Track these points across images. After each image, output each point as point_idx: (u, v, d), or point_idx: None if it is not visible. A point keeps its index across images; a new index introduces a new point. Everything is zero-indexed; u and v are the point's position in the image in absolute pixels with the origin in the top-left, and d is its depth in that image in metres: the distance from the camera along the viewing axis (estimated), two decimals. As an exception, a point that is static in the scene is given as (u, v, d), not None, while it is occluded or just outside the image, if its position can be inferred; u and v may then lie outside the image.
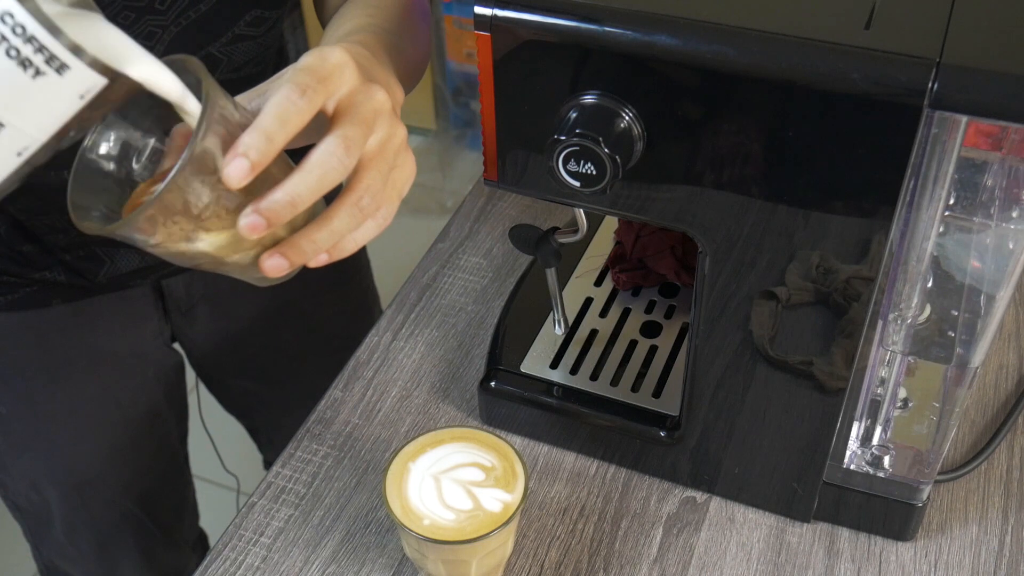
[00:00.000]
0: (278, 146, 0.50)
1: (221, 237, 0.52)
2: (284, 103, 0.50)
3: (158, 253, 0.52)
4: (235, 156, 0.48)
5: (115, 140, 0.54)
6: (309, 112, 0.52)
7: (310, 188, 0.51)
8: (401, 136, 0.57)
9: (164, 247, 0.51)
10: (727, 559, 0.75)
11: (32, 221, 0.87)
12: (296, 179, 0.51)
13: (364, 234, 0.56)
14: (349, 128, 0.53)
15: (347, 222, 0.54)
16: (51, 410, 0.97)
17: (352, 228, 0.54)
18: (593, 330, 0.86)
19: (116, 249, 0.90)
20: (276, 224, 0.51)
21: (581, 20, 0.59)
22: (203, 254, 0.52)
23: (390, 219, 0.57)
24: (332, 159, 0.52)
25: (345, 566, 0.75)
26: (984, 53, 0.54)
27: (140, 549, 1.09)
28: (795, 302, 0.66)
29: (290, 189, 0.51)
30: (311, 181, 0.51)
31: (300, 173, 0.51)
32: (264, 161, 0.49)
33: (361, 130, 0.53)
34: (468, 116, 2.63)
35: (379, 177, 0.55)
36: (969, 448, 0.82)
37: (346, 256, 0.56)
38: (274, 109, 0.50)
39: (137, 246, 0.51)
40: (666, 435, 0.77)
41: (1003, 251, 0.59)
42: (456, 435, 0.70)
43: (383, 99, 0.55)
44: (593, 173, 0.59)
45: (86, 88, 0.46)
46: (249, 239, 0.52)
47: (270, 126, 0.50)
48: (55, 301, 0.93)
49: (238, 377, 1.13)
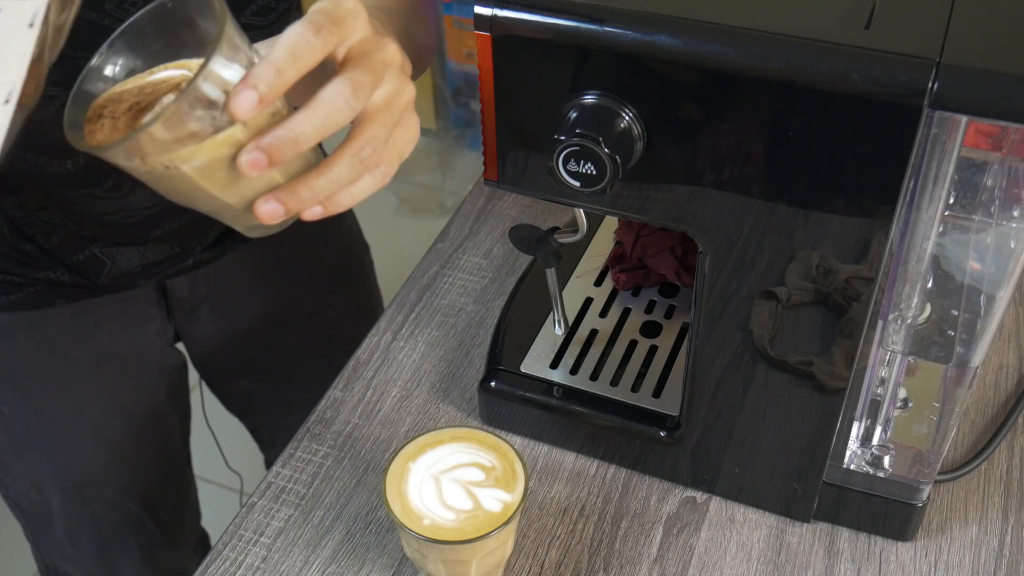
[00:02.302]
0: (288, 81, 0.49)
1: (219, 174, 0.51)
2: (297, 39, 0.50)
3: (150, 184, 0.52)
4: (244, 87, 0.48)
5: (121, 66, 0.54)
6: (321, 51, 0.51)
7: (314, 126, 0.51)
8: (409, 94, 0.56)
9: (156, 177, 0.51)
10: (727, 559, 0.75)
11: (30, 218, 0.86)
12: (300, 116, 0.51)
13: (361, 189, 0.55)
14: (358, 73, 0.52)
15: (346, 172, 0.53)
16: (53, 410, 0.97)
17: (351, 179, 0.54)
18: (593, 330, 0.86)
19: (116, 249, 0.90)
20: (277, 162, 0.50)
21: (581, 20, 0.59)
22: (198, 189, 0.52)
23: (388, 178, 0.56)
24: (339, 99, 0.51)
25: (345, 566, 0.75)
26: (984, 53, 0.54)
27: (141, 549, 1.09)
28: (795, 302, 0.66)
29: (293, 126, 0.50)
30: (316, 119, 0.51)
31: (304, 111, 0.51)
32: (272, 95, 0.49)
33: (370, 77, 0.52)
34: (468, 116, 2.63)
35: (383, 131, 0.54)
36: (969, 448, 0.82)
37: (340, 211, 0.55)
38: (286, 44, 0.50)
39: (133, 175, 0.51)
40: (666, 435, 0.77)
41: (1003, 251, 0.59)
42: (456, 435, 0.70)
43: (394, 52, 0.55)
44: (593, 173, 0.59)
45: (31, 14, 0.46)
46: (248, 177, 0.51)
47: (281, 60, 0.49)
48: (58, 301, 0.93)
49: (240, 377, 1.13)
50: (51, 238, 0.88)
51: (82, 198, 0.83)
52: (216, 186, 0.52)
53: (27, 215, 0.86)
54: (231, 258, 0.99)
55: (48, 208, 0.85)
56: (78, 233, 0.88)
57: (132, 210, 0.86)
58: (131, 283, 0.95)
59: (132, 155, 0.49)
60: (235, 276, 1.02)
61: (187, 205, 0.55)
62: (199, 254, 0.96)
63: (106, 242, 0.89)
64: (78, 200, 0.83)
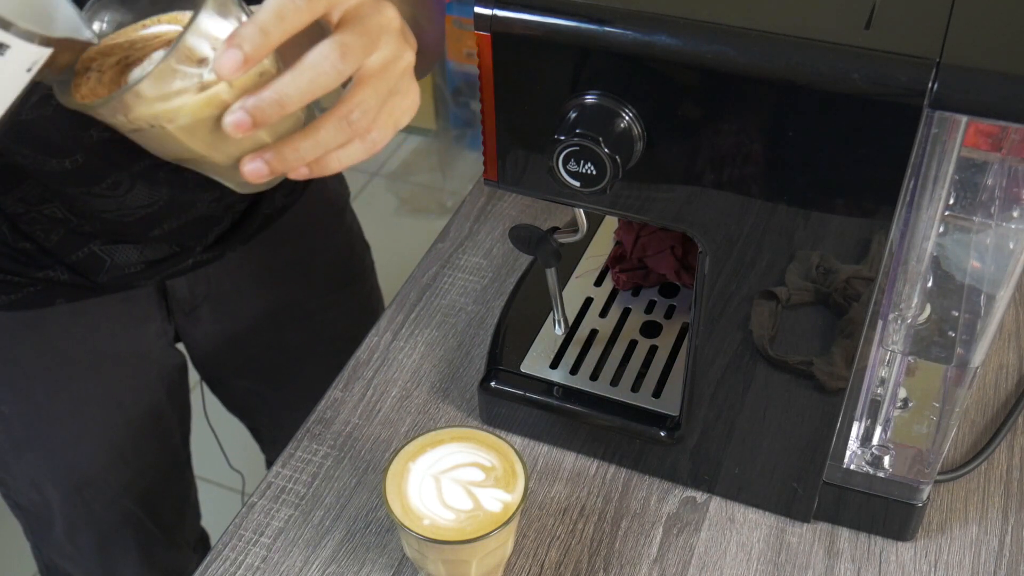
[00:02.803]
0: (273, 42, 0.49)
1: (205, 133, 0.51)
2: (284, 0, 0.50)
3: (137, 140, 0.52)
4: (229, 46, 0.48)
5: (108, 21, 0.54)
6: (309, 13, 0.50)
7: (299, 89, 0.50)
8: (408, 60, 0.55)
9: (142, 134, 0.51)
10: (727, 559, 0.75)
11: (32, 214, 0.86)
12: (286, 78, 0.50)
13: (350, 154, 0.54)
14: (348, 36, 0.51)
15: (333, 135, 0.53)
16: (53, 410, 0.97)
17: (338, 142, 0.53)
18: (593, 330, 0.86)
19: (115, 247, 0.90)
20: (261, 123, 0.50)
21: (581, 20, 0.59)
22: (184, 147, 0.52)
23: (380, 145, 0.55)
24: (325, 62, 0.51)
25: (345, 566, 0.75)
26: (984, 53, 0.54)
27: (140, 549, 1.09)
28: (795, 302, 0.66)
29: (279, 88, 0.50)
30: (301, 82, 0.50)
31: (290, 73, 0.50)
32: (257, 55, 0.49)
33: (362, 41, 0.52)
34: (468, 116, 2.63)
35: (375, 96, 0.53)
36: (969, 448, 0.82)
37: (328, 174, 0.54)
38: (273, 4, 0.49)
39: (119, 131, 0.51)
40: (666, 435, 0.77)
41: (1003, 251, 0.59)
42: (456, 435, 0.70)
43: (392, 16, 0.54)
44: (593, 173, 0.59)
45: (32, 61, 0.46)
46: (234, 137, 0.51)
47: (267, 20, 0.49)
48: (58, 301, 0.93)
49: (241, 377, 1.13)
50: (50, 235, 0.88)
51: (80, 195, 0.83)
52: (202, 144, 0.52)
53: (29, 210, 0.86)
54: (231, 258, 0.99)
55: (50, 202, 0.85)
56: (78, 229, 0.88)
57: (130, 208, 0.86)
58: (131, 283, 0.95)
59: (117, 112, 0.50)
60: (235, 276, 1.02)
61: (174, 161, 0.55)
62: (199, 254, 0.96)
63: (105, 239, 0.89)
64: (77, 197, 0.83)
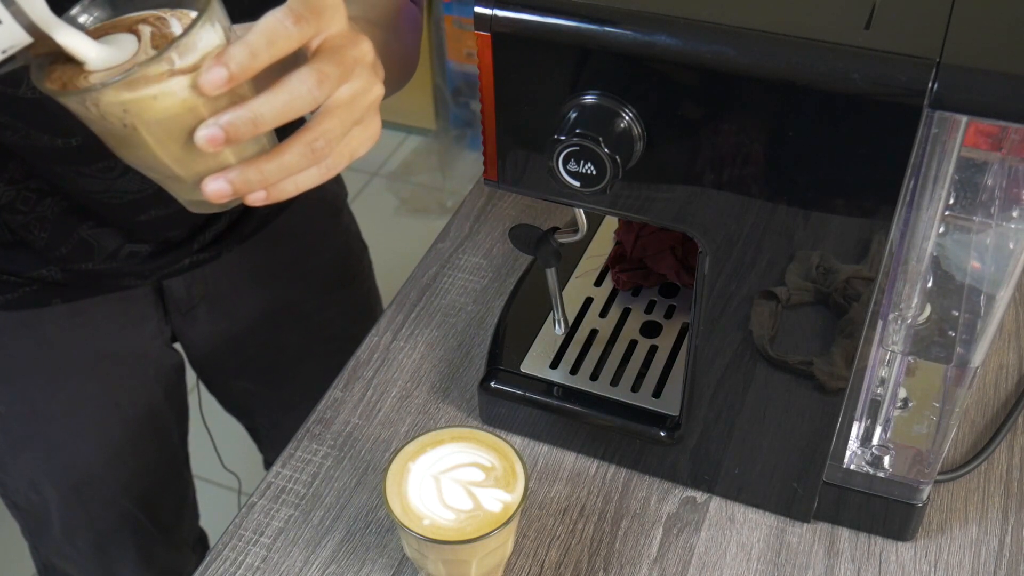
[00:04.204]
0: (260, 64, 0.50)
1: (175, 143, 0.52)
2: (275, 25, 0.51)
3: (105, 139, 0.52)
4: (217, 64, 0.49)
5: (96, 18, 0.54)
6: (298, 39, 0.51)
7: (274, 110, 0.51)
8: (376, 94, 0.56)
9: (111, 134, 0.51)
10: (727, 559, 0.75)
11: (20, 195, 0.85)
12: (262, 99, 0.51)
13: (306, 179, 0.55)
14: (326, 65, 0.53)
15: (297, 160, 0.54)
16: (50, 410, 0.97)
17: (300, 167, 0.54)
18: (593, 330, 0.86)
19: (102, 230, 0.89)
20: (234, 140, 0.51)
21: (581, 20, 0.59)
22: (151, 154, 0.52)
23: (333, 173, 0.56)
24: (302, 87, 0.52)
25: (345, 566, 0.75)
26: (984, 53, 0.54)
27: (138, 549, 1.09)
28: (795, 302, 0.66)
29: (254, 107, 0.51)
30: (276, 103, 0.51)
31: (267, 94, 0.51)
32: (243, 75, 0.50)
33: (338, 71, 0.53)
34: (468, 116, 2.63)
35: (340, 126, 0.54)
36: (969, 448, 0.82)
37: (282, 199, 0.55)
38: (264, 28, 0.50)
39: (89, 126, 0.51)
40: (666, 435, 0.77)
41: (1003, 251, 0.59)
42: (456, 435, 0.70)
43: (367, 50, 0.55)
44: (593, 173, 0.59)
45: (10, 44, 0.47)
46: (203, 151, 0.52)
47: (257, 43, 0.50)
48: (55, 301, 0.93)
49: (238, 378, 1.13)
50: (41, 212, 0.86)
51: (70, 174, 0.83)
52: (169, 156, 0.52)
53: (18, 192, 0.84)
54: (228, 259, 0.99)
55: (36, 177, 0.84)
56: (66, 210, 0.87)
57: (118, 192, 0.85)
58: (128, 283, 0.94)
59: (90, 106, 0.50)
60: (232, 277, 1.02)
61: (139, 168, 0.55)
62: (195, 254, 0.96)
63: (93, 223, 0.88)
64: (65, 175, 0.83)
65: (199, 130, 0.51)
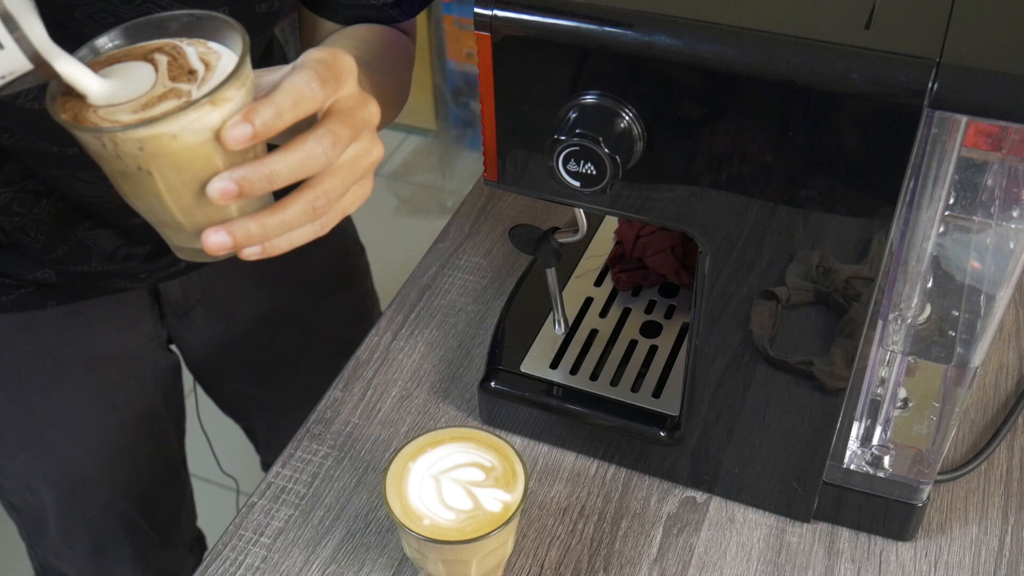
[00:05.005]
0: (284, 124, 0.51)
1: (185, 191, 0.52)
2: (303, 87, 0.52)
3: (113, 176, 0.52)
4: (243, 120, 0.50)
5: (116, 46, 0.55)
6: (320, 103, 0.53)
7: (289, 168, 0.52)
8: (376, 155, 0.58)
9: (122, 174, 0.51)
10: (727, 559, 0.75)
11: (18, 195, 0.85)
12: (278, 157, 0.52)
13: (300, 236, 0.56)
14: (340, 128, 0.54)
15: (298, 216, 0.54)
16: (46, 412, 0.97)
17: (299, 224, 0.55)
18: (593, 330, 0.86)
19: (98, 232, 0.89)
20: (247, 194, 0.51)
21: (581, 20, 0.59)
22: (159, 199, 0.52)
23: (326, 231, 0.58)
24: (317, 148, 0.53)
25: (345, 566, 0.75)
26: (984, 53, 0.54)
27: (135, 550, 1.09)
28: (795, 302, 0.66)
29: (271, 164, 0.52)
30: (292, 162, 0.52)
31: (283, 152, 0.52)
32: (267, 134, 0.50)
33: (350, 133, 0.54)
34: (468, 116, 2.63)
35: (341, 185, 0.56)
36: (969, 448, 0.82)
37: (274, 255, 0.56)
38: (291, 89, 0.52)
39: (97, 161, 0.51)
40: (666, 435, 0.77)
41: (1003, 251, 0.59)
42: (456, 435, 0.70)
43: (375, 112, 0.57)
44: (593, 173, 0.59)
45: (10, 70, 0.47)
46: (212, 202, 0.52)
47: (283, 104, 0.51)
48: (50, 303, 0.93)
49: (234, 380, 1.13)
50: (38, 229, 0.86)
51: (66, 177, 0.83)
52: (176, 200, 0.52)
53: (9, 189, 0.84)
54: (224, 262, 0.99)
55: (32, 179, 0.84)
56: (63, 211, 0.87)
57: (112, 197, 0.85)
58: (123, 286, 0.94)
59: (105, 142, 0.50)
60: (229, 279, 1.02)
61: (140, 211, 0.55)
62: None
63: (90, 224, 0.88)
64: (62, 178, 0.83)
65: (213, 182, 0.51)
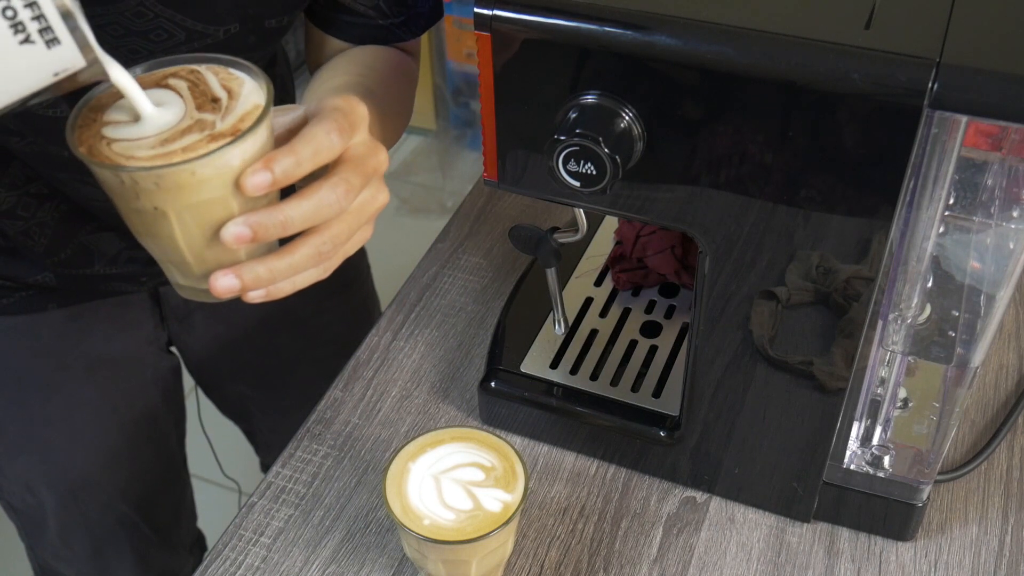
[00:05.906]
0: (302, 172, 0.52)
1: (199, 233, 0.52)
2: (323, 138, 0.53)
3: (125, 212, 0.52)
4: (264, 168, 0.50)
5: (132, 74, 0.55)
6: (339, 151, 0.54)
7: (303, 216, 0.53)
8: (381, 202, 0.59)
9: (137, 212, 0.51)
10: (727, 559, 0.75)
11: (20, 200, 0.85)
12: (293, 203, 0.53)
13: (304, 279, 0.57)
14: (353, 176, 0.54)
15: (305, 261, 0.55)
16: (46, 414, 0.97)
17: (306, 267, 0.56)
18: (593, 330, 0.86)
19: (100, 235, 0.89)
20: (260, 239, 0.52)
21: (581, 20, 0.59)
22: (171, 238, 0.52)
23: (327, 274, 0.58)
24: (331, 196, 0.53)
25: (345, 566, 0.75)
26: (984, 53, 0.54)
27: (135, 552, 1.09)
28: (795, 302, 0.66)
29: (285, 210, 0.52)
30: (306, 209, 0.53)
31: (298, 199, 0.53)
32: (285, 181, 0.51)
33: (361, 182, 0.55)
34: (468, 116, 2.64)
35: (347, 231, 0.56)
36: (969, 448, 0.82)
37: (277, 298, 0.56)
38: (312, 139, 0.52)
39: (112, 198, 0.51)
40: (666, 435, 0.77)
41: (1003, 251, 0.59)
42: (456, 435, 0.70)
43: (384, 160, 0.58)
44: (593, 173, 0.59)
45: (64, 67, 0.47)
46: (224, 245, 0.52)
47: (303, 153, 0.52)
48: (51, 306, 0.93)
49: (235, 382, 1.13)
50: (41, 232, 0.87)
51: (71, 181, 0.83)
52: (188, 241, 0.53)
53: (13, 193, 0.85)
54: None
55: (37, 182, 0.84)
56: (66, 214, 0.87)
57: None
58: (124, 289, 0.94)
59: (124, 178, 0.50)
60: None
61: (149, 247, 0.55)
62: None
63: (93, 227, 0.88)
64: (67, 183, 0.83)
65: (228, 227, 0.51)
